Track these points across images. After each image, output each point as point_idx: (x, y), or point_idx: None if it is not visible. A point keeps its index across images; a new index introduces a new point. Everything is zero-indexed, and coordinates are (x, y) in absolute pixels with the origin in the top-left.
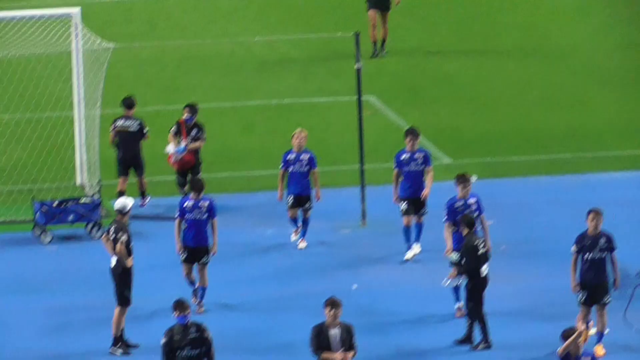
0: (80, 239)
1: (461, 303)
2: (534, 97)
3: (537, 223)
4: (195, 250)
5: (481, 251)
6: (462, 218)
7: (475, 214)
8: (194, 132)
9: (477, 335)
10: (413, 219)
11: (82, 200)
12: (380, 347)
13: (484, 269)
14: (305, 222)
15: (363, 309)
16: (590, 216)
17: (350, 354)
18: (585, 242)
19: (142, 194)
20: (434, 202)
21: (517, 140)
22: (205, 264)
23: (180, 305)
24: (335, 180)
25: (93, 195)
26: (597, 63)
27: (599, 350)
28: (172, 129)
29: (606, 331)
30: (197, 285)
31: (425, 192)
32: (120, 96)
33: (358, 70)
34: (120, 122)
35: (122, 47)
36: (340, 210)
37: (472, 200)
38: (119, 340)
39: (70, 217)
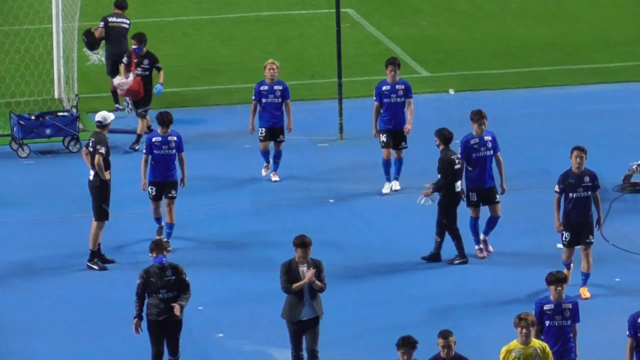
0: (58, 153)
1: (479, 245)
2: (514, 9)
3: (516, 136)
4: (164, 185)
5: (457, 166)
6: (437, 132)
7: (491, 152)
8: (145, 62)
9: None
10: (393, 153)
11: (60, 114)
12: (355, 260)
13: (458, 185)
14: (278, 155)
15: (340, 223)
16: (574, 154)
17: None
18: (569, 181)
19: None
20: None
21: (496, 53)
22: (173, 198)
23: (157, 246)
24: (313, 93)
25: (71, 108)
26: None
27: (585, 292)
28: (124, 59)
29: (591, 271)
30: (163, 223)
31: (407, 126)
32: (99, 8)
33: None
34: (113, 19)
35: None
36: (318, 123)
37: (488, 138)
38: (96, 255)
39: (48, 131)
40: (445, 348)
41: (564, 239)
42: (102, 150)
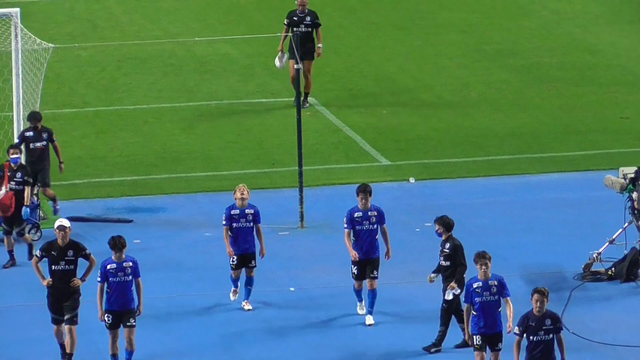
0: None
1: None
2: (473, 98)
3: (477, 225)
4: (121, 313)
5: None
6: (439, 220)
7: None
8: (18, 175)
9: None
10: (365, 283)
11: None
12: (319, 346)
13: None
14: (250, 281)
15: (301, 311)
16: (535, 297)
17: None
18: (529, 323)
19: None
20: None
21: (456, 142)
22: (132, 326)
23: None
24: (274, 182)
25: (32, 196)
26: (538, 62)
27: None
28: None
29: None
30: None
31: (388, 254)
32: (59, 96)
33: (297, 71)
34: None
35: (63, 47)
36: (279, 212)
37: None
38: None
39: None
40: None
41: None
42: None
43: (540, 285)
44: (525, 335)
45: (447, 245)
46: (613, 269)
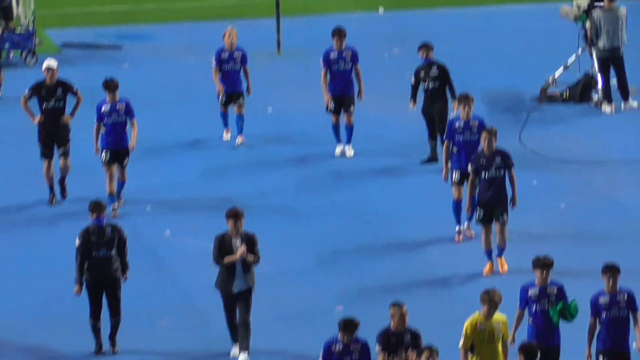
0: (15, 66)
1: (462, 226)
2: None
3: (443, 51)
4: (116, 152)
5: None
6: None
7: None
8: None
9: None
10: (342, 118)
11: (17, 30)
12: (295, 176)
13: None
14: (240, 118)
15: (278, 134)
16: (483, 135)
17: (249, 255)
18: (480, 162)
19: None
20: None
21: None
22: (125, 165)
23: (96, 207)
24: (250, 12)
25: (27, 25)
26: None
27: (503, 265)
28: None
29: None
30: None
31: (361, 94)
32: None
33: None
34: None
35: None
36: (256, 40)
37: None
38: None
39: (6, 46)
40: (395, 317)
41: (477, 217)
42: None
43: (499, 107)
44: (477, 173)
45: (434, 68)
46: (567, 91)
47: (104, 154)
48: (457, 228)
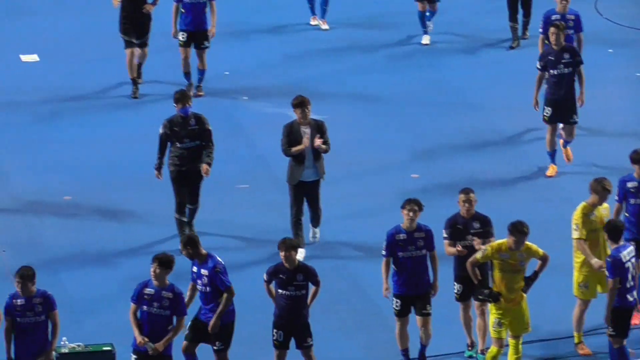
0: None
1: None
2: None
3: None
4: (194, 34)
5: None
6: None
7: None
8: None
9: None
10: (427, 5)
11: None
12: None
13: None
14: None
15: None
16: (551, 30)
17: (319, 141)
18: (548, 58)
19: None
20: None
21: None
22: (205, 48)
23: (182, 96)
24: None
25: None
26: None
27: (568, 155)
28: None
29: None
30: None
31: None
32: None
33: None
34: None
35: None
36: None
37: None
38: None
39: None
40: (466, 203)
41: (544, 114)
42: None
43: None
44: (545, 69)
45: None
46: None
47: (181, 35)
48: None
